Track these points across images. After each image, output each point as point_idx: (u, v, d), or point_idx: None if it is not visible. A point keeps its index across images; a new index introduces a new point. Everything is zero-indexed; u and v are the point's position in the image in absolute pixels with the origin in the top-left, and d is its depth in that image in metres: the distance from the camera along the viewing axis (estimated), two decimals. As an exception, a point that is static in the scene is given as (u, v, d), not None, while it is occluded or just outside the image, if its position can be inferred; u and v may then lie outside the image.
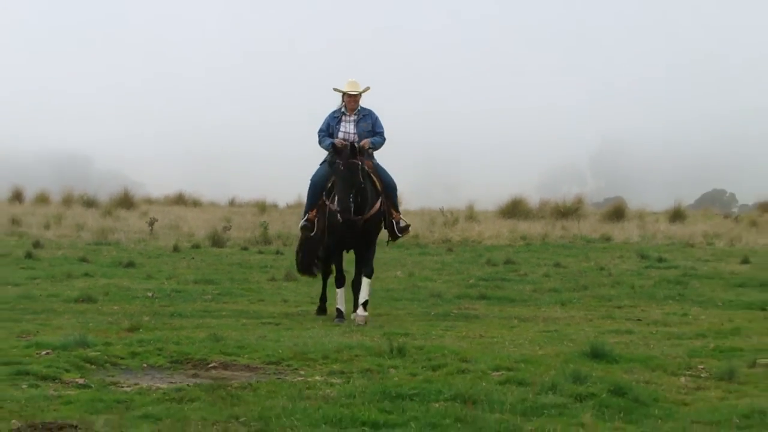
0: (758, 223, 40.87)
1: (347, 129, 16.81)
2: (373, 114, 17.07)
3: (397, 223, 17.14)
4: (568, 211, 41.89)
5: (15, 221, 35.37)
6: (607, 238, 34.02)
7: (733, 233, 36.21)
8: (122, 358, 13.38)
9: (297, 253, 18.80)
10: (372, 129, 16.89)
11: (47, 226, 34.40)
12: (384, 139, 17.10)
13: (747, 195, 68.89)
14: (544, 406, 11.02)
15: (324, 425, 10.17)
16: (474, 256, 27.67)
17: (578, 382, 11.81)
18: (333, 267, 17.58)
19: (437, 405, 10.95)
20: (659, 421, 10.63)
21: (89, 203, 43.71)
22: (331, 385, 12.05)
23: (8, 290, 20.24)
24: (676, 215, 42.62)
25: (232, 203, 48.62)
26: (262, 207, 45.58)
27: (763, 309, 19.38)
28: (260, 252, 28.75)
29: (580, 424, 10.40)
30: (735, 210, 55.87)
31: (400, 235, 17.53)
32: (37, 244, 28.46)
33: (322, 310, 17.86)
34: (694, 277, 24.03)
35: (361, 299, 16.54)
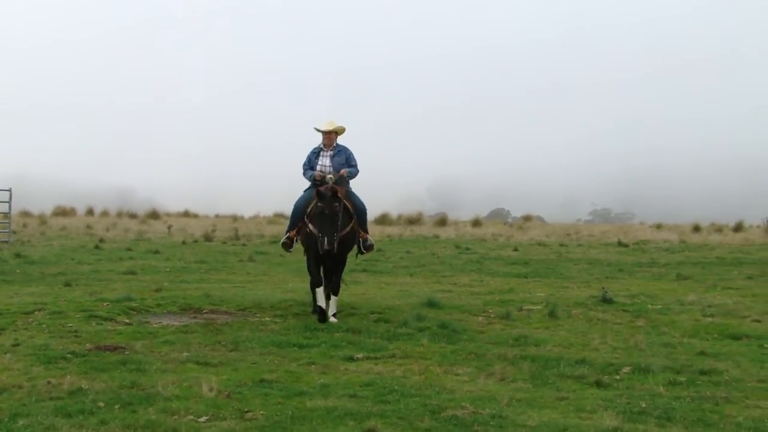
0: (523, 227, 41.40)
1: (324, 162, 13.21)
2: (348, 150, 13.36)
3: (365, 241, 13.36)
4: (414, 221, 42.05)
5: (88, 226, 34.92)
6: (437, 236, 34.18)
7: (509, 233, 36.64)
8: (152, 307, 13.27)
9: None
10: (346, 162, 13.23)
11: (107, 230, 33.90)
12: (357, 171, 13.33)
13: (518, 211, 69.91)
14: (400, 334, 11.07)
15: (271, 346, 10.20)
16: (360, 247, 27.61)
17: (420, 320, 11.88)
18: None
19: (338, 334, 11.01)
20: (467, 342, 10.72)
21: (132, 216, 43.39)
22: (276, 323, 12.02)
23: (84, 267, 19.90)
24: (476, 223, 43.00)
25: (216, 216, 47.92)
26: (234, 218, 45.22)
27: (526, 277, 19.62)
28: (233, 245, 28.49)
29: (421, 345, 10.47)
30: (510, 220, 56.52)
31: (365, 251, 13.56)
32: (101, 240, 28.08)
33: (315, 310, 12.90)
34: (486, 259, 24.27)
35: (331, 312, 12.46)
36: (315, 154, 13.43)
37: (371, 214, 14.76)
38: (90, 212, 45.97)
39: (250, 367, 9.00)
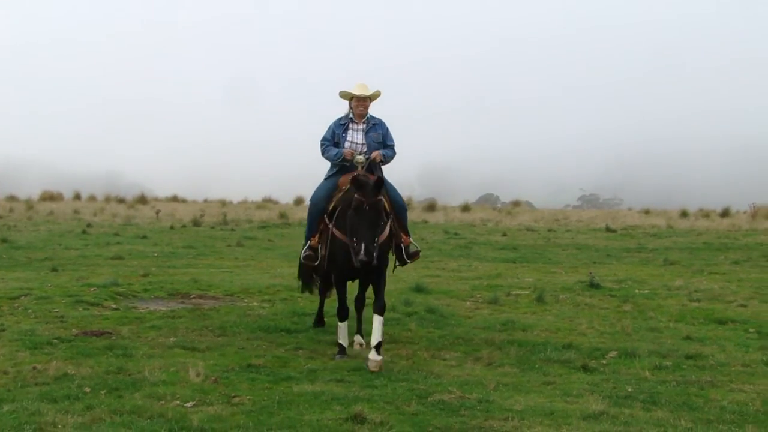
0: (512, 213, 41.42)
1: (355, 138, 9.57)
2: (384, 124, 9.73)
3: (407, 247, 9.78)
4: (403, 206, 41.99)
5: (76, 211, 34.75)
6: (425, 221, 34.15)
7: (497, 219, 36.65)
8: (139, 292, 13.22)
9: (298, 278, 10.98)
10: (383, 141, 9.65)
11: (95, 214, 33.74)
12: (395, 153, 9.73)
13: (507, 196, 70.04)
14: (388, 319, 10.99)
15: (259, 331, 10.19)
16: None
17: (408, 305, 11.91)
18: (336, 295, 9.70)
19: (325, 319, 10.95)
20: (454, 327, 10.74)
21: (120, 200, 43.18)
22: (263, 308, 12.01)
23: (71, 252, 19.81)
24: (465, 208, 42.93)
25: (205, 201, 47.74)
26: (222, 203, 45.09)
27: (514, 262, 19.65)
28: (221, 230, 28.41)
29: (409, 330, 10.49)
30: (499, 205, 56.63)
31: (408, 261, 9.83)
32: (89, 225, 27.94)
33: (319, 322, 10.70)
34: (475, 244, 24.28)
35: (374, 341, 8.64)
36: (341, 126, 9.76)
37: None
38: (77, 197, 45.74)
39: (238, 352, 9.00)
